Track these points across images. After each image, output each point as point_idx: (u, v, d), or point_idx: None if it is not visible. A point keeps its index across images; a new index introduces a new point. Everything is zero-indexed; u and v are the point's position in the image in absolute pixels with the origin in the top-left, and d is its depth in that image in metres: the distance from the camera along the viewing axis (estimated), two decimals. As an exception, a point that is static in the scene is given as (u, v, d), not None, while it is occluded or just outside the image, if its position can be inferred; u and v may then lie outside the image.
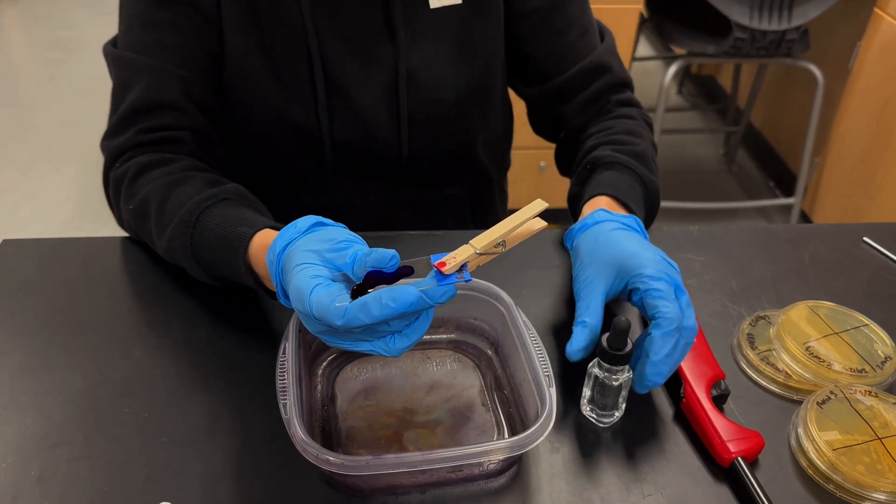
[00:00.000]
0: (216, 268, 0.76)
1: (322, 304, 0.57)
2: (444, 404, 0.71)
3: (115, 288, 0.83)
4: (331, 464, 0.57)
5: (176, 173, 0.81)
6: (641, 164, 0.87)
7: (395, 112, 0.93)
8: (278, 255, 0.64)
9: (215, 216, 0.75)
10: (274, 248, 0.64)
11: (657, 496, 0.64)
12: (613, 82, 0.96)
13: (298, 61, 0.89)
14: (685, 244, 0.93)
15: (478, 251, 0.60)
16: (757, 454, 0.67)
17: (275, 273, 0.64)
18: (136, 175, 0.82)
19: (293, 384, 0.63)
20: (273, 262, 0.64)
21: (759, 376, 0.75)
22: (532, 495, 0.64)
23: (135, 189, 0.82)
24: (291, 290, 0.60)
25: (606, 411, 0.69)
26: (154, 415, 0.69)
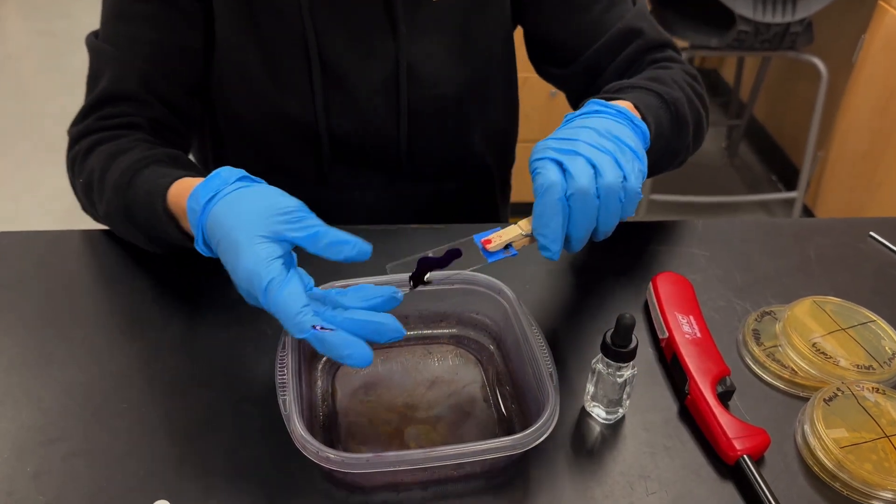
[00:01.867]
0: (147, 228, 0.76)
1: (286, 307, 0.57)
2: (445, 400, 0.70)
3: (114, 281, 0.82)
4: (331, 461, 0.57)
5: (123, 145, 0.82)
6: (656, 82, 0.82)
7: (394, 105, 0.92)
8: (203, 205, 0.63)
9: (145, 175, 0.76)
10: (197, 196, 0.64)
11: (661, 494, 0.63)
12: (647, 45, 0.90)
13: (295, 54, 0.87)
14: (690, 239, 0.92)
15: (525, 233, 0.64)
16: (763, 452, 0.66)
17: (197, 222, 0.64)
18: (88, 150, 0.83)
19: (292, 380, 0.62)
20: (196, 210, 0.64)
21: (764, 372, 0.74)
22: (534, 492, 0.63)
23: (85, 164, 0.83)
24: (240, 270, 0.59)
25: (610, 408, 0.68)
26: (152, 409, 0.68)
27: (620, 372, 0.66)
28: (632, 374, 0.66)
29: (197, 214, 0.64)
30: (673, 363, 0.73)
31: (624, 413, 0.69)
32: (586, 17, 0.91)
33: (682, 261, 0.88)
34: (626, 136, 0.68)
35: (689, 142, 0.86)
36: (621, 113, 0.71)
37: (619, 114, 0.71)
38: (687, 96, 0.84)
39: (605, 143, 0.66)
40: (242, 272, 0.58)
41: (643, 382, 0.73)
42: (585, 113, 0.71)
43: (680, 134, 0.82)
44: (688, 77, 0.88)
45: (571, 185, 0.63)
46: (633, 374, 0.66)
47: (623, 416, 0.69)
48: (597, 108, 0.72)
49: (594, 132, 0.67)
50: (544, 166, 0.64)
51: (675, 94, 0.81)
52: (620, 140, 0.67)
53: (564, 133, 0.67)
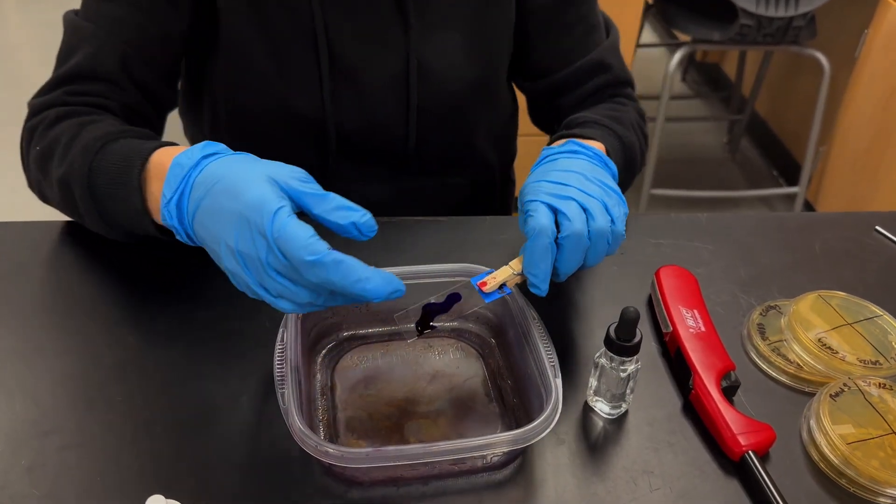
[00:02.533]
0: (105, 197, 0.71)
1: (296, 232, 0.54)
2: (446, 394, 0.69)
3: (110, 272, 0.81)
4: (330, 455, 0.56)
5: (97, 117, 0.79)
6: (617, 123, 0.86)
7: (403, 101, 0.91)
8: (198, 160, 0.62)
9: (122, 142, 0.72)
10: (192, 152, 0.62)
11: (665, 490, 0.62)
12: (612, 81, 0.95)
13: (304, 47, 0.86)
14: (694, 232, 0.91)
15: (516, 272, 0.66)
16: (768, 447, 0.65)
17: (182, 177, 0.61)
18: (55, 120, 0.79)
19: (291, 373, 0.61)
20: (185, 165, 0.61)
21: (769, 367, 0.73)
22: (536, 488, 0.62)
23: (49, 132, 0.79)
24: (243, 202, 0.56)
25: (613, 402, 0.67)
26: (148, 402, 0.67)
27: (624, 366, 0.65)
28: (635, 368, 0.65)
29: (185, 169, 0.61)
30: (677, 358, 0.72)
31: (627, 408, 0.68)
32: (567, 37, 0.94)
33: (686, 254, 0.87)
34: (608, 180, 0.71)
35: (630, 183, 0.92)
36: (598, 156, 0.74)
37: (596, 156, 0.74)
38: (638, 141, 0.90)
39: (594, 189, 0.68)
40: (247, 203, 0.56)
41: (646, 377, 0.72)
42: (566, 152, 0.74)
43: (626, 175, 0.86)
44: (639, 118, 0.94)
45: (567, 228, 0.65)
46: (636, 368, 0.65)
47: (626, 411, 0.68)
48: (576, 148, 0.74)
49: (582, 177, 0.69)
50: (537, 209, 0.66)
51: (631, 138, 0.87)
52: (606, 185, 0.70)
53: (555, 176, 0.69)
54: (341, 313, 0.73)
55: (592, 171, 0.71)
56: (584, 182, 0.68)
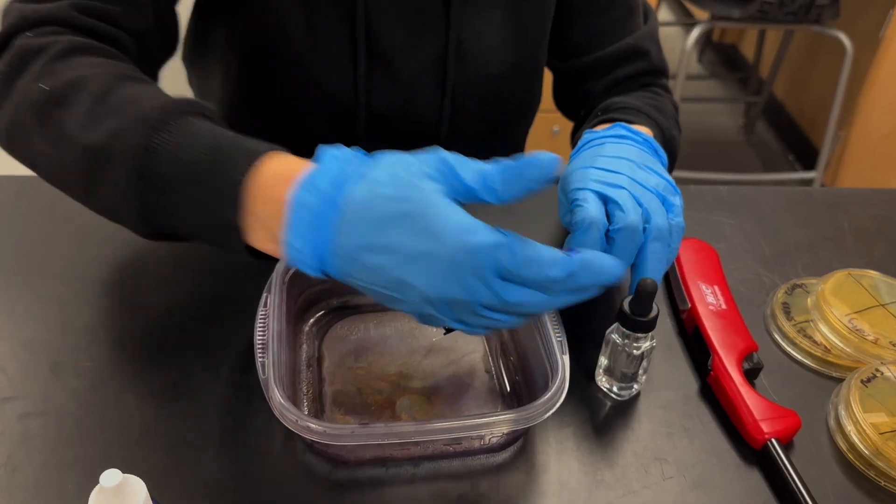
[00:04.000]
0: (171, 192, 0.54)
1: (534, 255, 0.48)
2: (442, 370, 0.64)
3: (86, 232, 0.75)
4: (312, 431, 0.50)
5: (130, 71, 0.63)
6: (659, 113, 0.80)
7: (440, 84, 0.84)
8: (331, 197, 0.48)
9: (202, 125, 0.56)
10: (316, 188, 0.49)
11: (679, 478, 0.57)
12: (648, 69, 0.88)
13: (340, 24, 0.79)
14: (714, 205, 0.85)
15: None
16: (792, 435, 0.60)
17: (316, 225, 0.48)
18: (68, 53, 0.61)
19: (273, 341, 0.56)
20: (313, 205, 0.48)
21: (794, 350, 0.67)
22: (538, 473, 0.57)
23: (60, 68, 0.60)
24: (445, 241, 0.46)
25: (625, 383, 0.62)
26: (119, 370, 0.62)
27: (638, 343, 0.59)
28: (650, 346, 0.60)
29: (315, 211, 0.49)
30: (695, 336, 0.66)
31: (639, 389, 0.63)
32: (603, 17, 0.87)
33: (706, 228, 0.81)
34: (659, 168, 0.65)
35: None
36: (648, 142, 0.68)
37: (646, 143, 0.68)
38: (678, 136, 0.83)
39: (647, 178, 0.62)
40: (452, 244, 0.46)
41: (661, 357, 0.66)
42: (613, 137, 0.68)
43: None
44: (675, 112, 0.87)
45: (620, 219, 0.58)
46: (651, 346, 0.60)
47: (638, 392, 0.63)
48: (624, 133, 0.68)
49: (633, 165, 0.63)
50: (586, 199, 0.60)
51: (673, 131, 0.80)
52: (658, 174, 0.64)
53: (603, 162, 0.63)
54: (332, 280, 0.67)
55: (642, 158, 0.64)
56: (636, 170, 0.62)
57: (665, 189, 0.63)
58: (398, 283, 0.48)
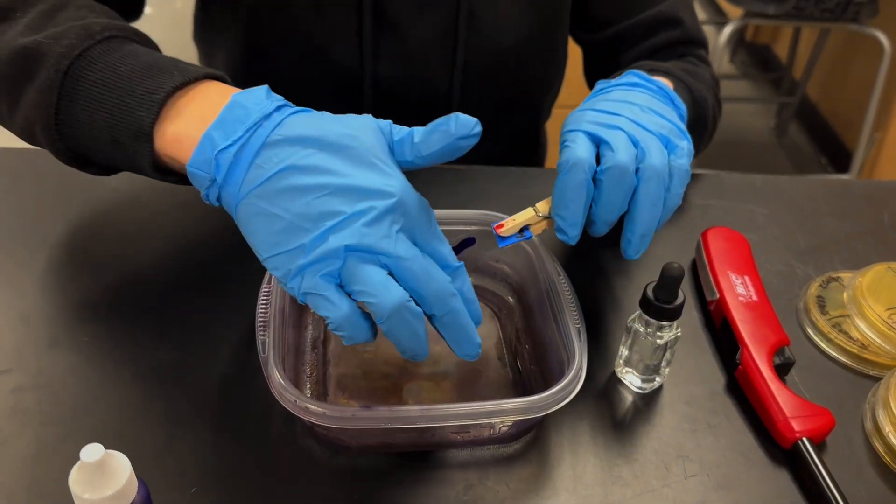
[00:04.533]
0: (94, 98, 0.53)
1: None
2: (453, 356, 0.60)
3: (91, 205, 0.73)
4: (311, 413, 0.47)
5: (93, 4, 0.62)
6: (690, 76, 0.76)
7: (450, 55, 0.81)
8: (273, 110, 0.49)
9: (146, 51, 0.56)
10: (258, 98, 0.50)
11: (702, 477, 0.53)
12: (683, 38, 0.84)
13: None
14: (747, 194, 0.81)
15: (541, 214, 0.55)
16: (825, 435, 0.56)
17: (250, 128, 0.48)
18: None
19: (276, 319, 0.53)
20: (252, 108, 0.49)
21: (828, 346, 0.63)
22: (551, 467, 0.53)
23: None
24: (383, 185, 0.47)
25: (646, 375, 0.58)
26: (117, 346, 0.59)
27: (661, 332, 0.56)
28: (674, 336, 0.56)
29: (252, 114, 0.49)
30: (723, 329, 0.63)
31: (662, 383, 0.59)
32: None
33: (738, 217, 0.77)
34: (669, 113, 0.60)
35: (699, 149, 0.79)
36: (662, 89, 0.63)
37: (659, 90, 0.63)
38: (712, 102, 0.78)
39: (651, 121, 0.57)
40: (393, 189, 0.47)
41: (686, 350, 0.63)
42: (623, 84, 0.63)
43: (695, 136, 0.75)
44: (713, 82, 0.83)
45: (608, 159, 0.54)
46: (675, 336, 0.56)
47: (661, 386, 0.59)
48: (637, 80, 0.64)
49: (637, 108, 0.59)
50: (575, 139, 0.56)
51: (705, 94, 0.75)
52: (666, 118, 0.59)
53: (604, 105, 0.59)
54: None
55: (651, 103, 0.60)
56: (639, 113, 0.58)
57: (671, 132, 0.58)
58: (321, 210, 0.46)
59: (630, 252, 0.56)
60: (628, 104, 0.59)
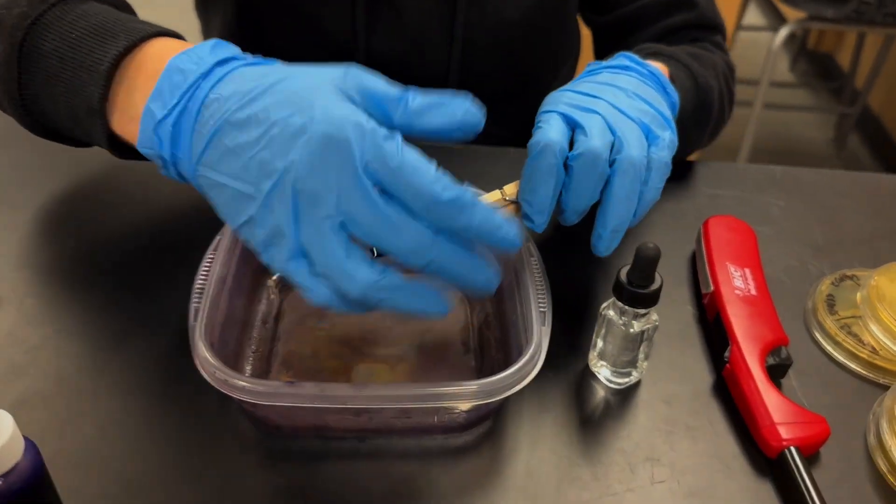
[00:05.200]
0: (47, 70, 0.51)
1: (418, 163, 0.40)
2: (412, 339, 0.56)
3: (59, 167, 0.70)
4: (230, 386, 0.43)
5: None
6: (695, 60, 0.70)
7: (448, 29, 0.77)
8: (210, 68, 0.44)
9: (102, 9, 0.53)
10: (198, 58, 0.45)
11: (671, 484, 0.47)
12: (696, 21, 0.79)
13: None
14: (764, 184, 0.74)
15: (508, 197, 0.51)
16: (818, 446, 0.49)
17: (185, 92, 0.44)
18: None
19: (215, 286, 0.49)
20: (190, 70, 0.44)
21: (835, 349, 0.57)
22: (503, 462, 0.48)
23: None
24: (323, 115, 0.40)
25: (621, 369, 0.53)
26: (65, 310, 0.56)
27: (636, 321, 0.50)
28: (652, 326, 0.50)
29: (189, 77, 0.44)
30: (715, 324, 0.57)
31: (639, 378, 0.54)
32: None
33: (750, 209, 0.70)
34: (657, 102, 0.55)
35: (703, 138, 0.73)
36: (653, 75, 0.58)
37: (650, 75, 0.58)
38: (719, 88, 0.72)
39: (632, 107, 0.53)
40: (331, 118, 0.40)
41: (673, 345, 0.57)
42: (613, 66, 0.59)
43: (698, 124, 0.70)
44: (726, 69, 0.76)
45: (580, 144, 0.49)
46: (653, 326, 0.51)
47: (638, 382, 0.54)
48: (627, 63, 0.59)
49: (621, 93, 0.54)
50: (549, 121, 0.51)
51: (710, 81, 0.70)
52: (651, 104, 0.54)
53: (586, 87, 0.54)
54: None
55: (639, 89, 0.55)
56: (623, 99, 0.53)
57: (653, 120, 0.53)
58: (259, 167, 0.40)
59: (600, 248, 0.51)
60: (612, 88, 0.54)
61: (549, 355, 0.53)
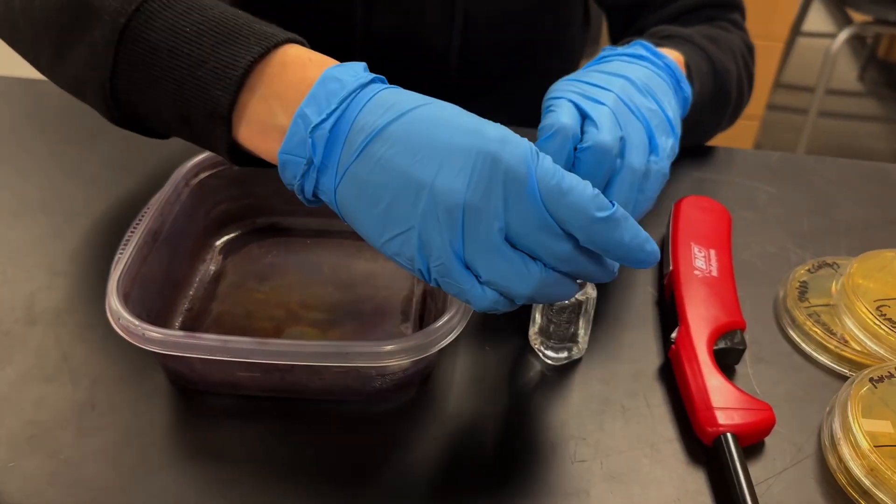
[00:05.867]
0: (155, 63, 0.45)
1: (577, 182, 0.38)
2: (350, 305, 0.54)
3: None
4: (131, 333, 0.43)
5: None
6: (712, 43, 0.67)
7: (448, 5, 0.75)
8: (368, 81, 0.42)
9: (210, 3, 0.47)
10: (355, 71, 0.42)
11: (591, 464, 0.44)
12: (712, 0, 0.75)
13: None
14: (756, 170, 0.70)
15: None
16: (760, 435, 0.46)
17: (343, 100, 0.40)
18: None
19: (142, 239, 0.49)
20: (347, 81, 0.41)
21: (802, 339, 0.53)
22: (409, 431, 0.46)
23: None
24: (483, 133, 0.39)
25: (557, 343, 0.50)
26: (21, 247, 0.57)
27: (572, 292, 0.47)
28: (585, 297, 0.48)
29: (346, 87, 0.41)
30: (671, 304, 0.53)
31: (580, 355, 0.51)
32: None
33: (735, 194, 0.67)
34: (666, 101, 0.53)
35: (721, 123, 0.70)
36: (669, 68, 0.56)
37: (666, 68, 0.56)
38: (738, 70, 0.69)
39: (642, 104, 0.50)
40: (491, 136, 0.38)
41: (626, 326, 0.54)
42: (626, 55, 0.56)
43: (715, 111, 0.67)
44: (744, 48, 0.72)
45: (591, 136, 0.46)
46: (587, 298, 0.48)
47: (579, 359, 0.51)
48: (642, 52, 0.56)
49: (632, 87, 0.51)
50: (560, 106, 0.48)
51: (728, 65, 0.66)
52: (659, 104, 0.51)
53: (595, 77, 0.51)
54: (260, 195, 0.60)
55: (650, 82, 0.52)
56: (633, 93, 0.50)
57: (658, 125, 0.50)
58: (407, 180, 0.38)
59: None
60: (623, 79, 0.51)
61: (491, 330, 0.51)
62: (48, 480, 0.42)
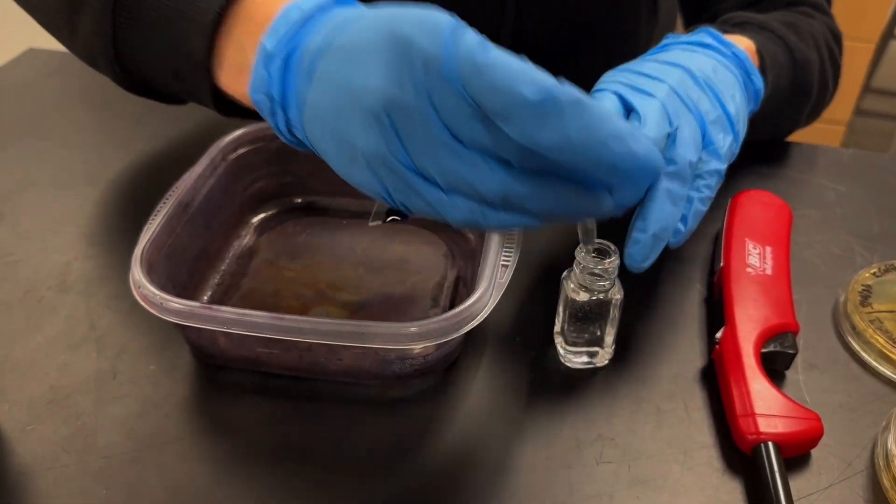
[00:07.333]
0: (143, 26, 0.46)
1: (501, 58, 0.31)
2: (381, 288, 0.53)
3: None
4: (150, 302, 0.42)
5: None
6: (791, 30, 0.62)
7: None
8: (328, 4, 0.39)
9: None
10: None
11: (618, 467, 0.42)
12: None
13: None
14: (825, 167, 0.66)
15: None
16: (805, 447, 0.42)
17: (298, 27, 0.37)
18: None
19: (171, 211, 0.48)
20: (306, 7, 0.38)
21: (861, 346, 0.49)
22: (442, 421, 0.44)
23: None
24: (401, 20, 0.33)
25: (578, 347, 0.47)
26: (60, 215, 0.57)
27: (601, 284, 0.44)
28: (609, 300, 0.44)
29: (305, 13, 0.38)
30: (718, 303, 0.50)
31: (603, 363, 0.48)
32: None
33: (800, 191, 0.62)
34: (729, 95, 0.48)
35: (800, 118, 0.65)
36: (736, 57, 0.52)
37: (734, 58, 0.52)
38: (821, 60, 0.64)
39: (699, 98, 0.46)
40: (408, 19, 0.33)
41: (670, 325, 0.51)
42: (689, 43, 0.52)
43: (793, 104, 0.62)
44: (829, 36, 0.67)
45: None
46: (614, 301, 0.44)
47: (612, 357, 0.48)
48: (707, 41, 0.53)
49: (690, 78, 0.47)
50: (602, 99, 0.46)
51: (809, 54, 0.61)
52: (718, 99, 0.48)
53: (649, 67, 0.48)
54: (299, 174, 0.59)
55: (713, 74, 0.49)
56: (689, 85, 0.47)
57: (715, 121, 0.46)
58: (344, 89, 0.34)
59: (636, 255, 0.43)
60: (681, 70, 0.47)
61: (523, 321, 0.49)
62: (63, 445, 0.42)
